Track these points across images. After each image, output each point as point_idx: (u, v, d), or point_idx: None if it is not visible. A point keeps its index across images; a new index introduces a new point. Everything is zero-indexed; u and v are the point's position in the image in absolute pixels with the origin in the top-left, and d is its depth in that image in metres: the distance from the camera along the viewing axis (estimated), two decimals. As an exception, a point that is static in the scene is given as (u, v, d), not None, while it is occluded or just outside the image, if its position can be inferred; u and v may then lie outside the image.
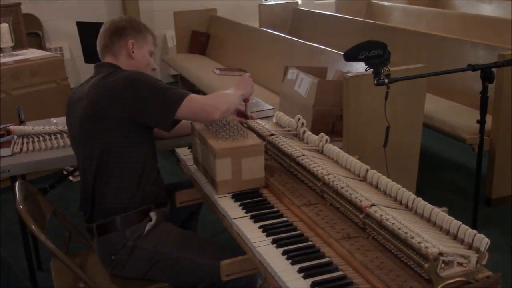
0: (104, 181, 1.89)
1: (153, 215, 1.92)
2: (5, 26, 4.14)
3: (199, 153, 2.02)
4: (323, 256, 1.46)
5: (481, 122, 2.54)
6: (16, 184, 1.95)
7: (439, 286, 1.24)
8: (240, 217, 1.71)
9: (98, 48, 2.05)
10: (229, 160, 1.80)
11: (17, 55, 4.10)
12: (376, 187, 1.63)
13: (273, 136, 2.05)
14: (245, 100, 2.19)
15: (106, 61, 2.03)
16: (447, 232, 1.35)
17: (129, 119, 1.83)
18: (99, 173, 1.89)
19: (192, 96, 1.88)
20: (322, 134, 1.95)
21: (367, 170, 1.68)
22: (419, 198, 1.48)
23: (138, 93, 1.81)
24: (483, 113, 2.52)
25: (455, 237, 1.33)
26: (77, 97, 1.98)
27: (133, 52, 2.01)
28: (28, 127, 2.53)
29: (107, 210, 1.90)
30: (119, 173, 1.88)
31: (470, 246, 1.29)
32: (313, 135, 2.01)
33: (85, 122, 1.89)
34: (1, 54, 4.06)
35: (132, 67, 2.00)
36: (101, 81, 1.88)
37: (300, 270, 1.40)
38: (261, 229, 1.62)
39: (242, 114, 2.26)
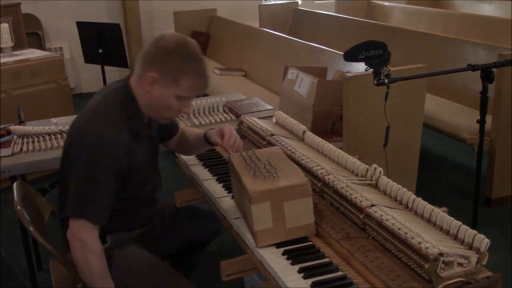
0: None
1: (109, 238, 1.80)
2: (5, 26, 4.14)
3: (236, 190, 1.75)
4: (323, 256, 1.46)
5: (481, 122, 2.55)
6: (14, 185, 1.93)
7: (439, 287, 1.24)
8: (240, 217, 1.71)
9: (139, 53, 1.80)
10: (268, 204, 1.50)
11: (17, 55, 4.10)
12: (376, 187, 1.63)
13: (273, 137, 2.05)
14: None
15: (129, 80, 1.77)
16: (447, 233, 1.35)
17: None
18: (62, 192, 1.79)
19: (82, 225, 1.66)
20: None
21: (367, 170, 1.68)
22: (419, 198, 1.48)
23: (69, 166, 1.69)
24: (483, 113, 2.53)
25: (455, 238, 1.33)
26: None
27: (152, 84, 1.69)
28: (28, 127, 2.53)
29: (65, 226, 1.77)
30: None
31: (470, 247, 1.29)
32: (313, 135, 2.00)
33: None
34: (1, 54, 4.06)
35: (146, 100, 1.73)
36: (77, 121, 1.76)
37: (300, 270, 1.40)
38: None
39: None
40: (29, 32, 5.76)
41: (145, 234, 1.91)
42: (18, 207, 1.79)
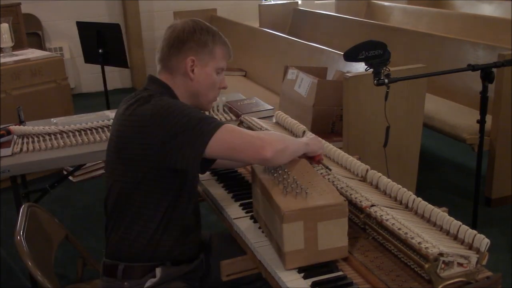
0: (117, 222, 1.66)
1: (158, 271, 1.64)
2: (5, 26, 4.14)
3: (260, 205, 1.61)
4: (323, 256, 1.46)
5: (481, 122, 2.54)
6: (22, 208, 1.80)
7: (439, 287, 1.24)
8: (240, 217, 1.71)
9: (156, 57, 1.72)
10: (301, 224, 1.38)
11: (17, 55, 4.10)
12: (376, 187, 1.63)
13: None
14: (314, 159, 1.67)
15: (160, 78, 1.70)
16: (447, 233, 1.35)
17: (152, 162, 1.54)
18: (114, 212, 1.66)
19: (229, 126, 1.52)
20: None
21: (367, 170, 1.68)
22: (419, 198, 1.47)
23: (163, 131, 1.50)
24: (483, 113, 2.52)
25: (455, 238, 1.33)
26: (120, 109, 1.68)
27: (192, 71, 1.66)
28: (28, 127, 2.53)
29: (114, 252, 1.68)
30: (133, 221, 1.63)
31: (470, 247, 1.29)
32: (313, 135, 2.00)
33: (110, 156, 1.67)
34: (1, 54, 4.06)
35: (190, 89, 1.68)
36: (132, 107, 1.60)
37: (300, 270, 1.40)
38: (261, 229, 1.62)
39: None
40: (29, 32, 5.76)
41: (191, 273, 1.74)
42: (18, 237, 1.67)
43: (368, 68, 2.18)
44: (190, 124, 1.49)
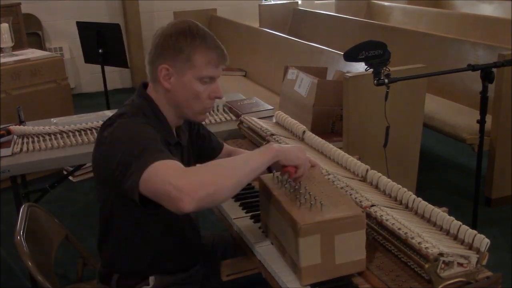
0: (105, 237, 1.64)
1: (151, 280, 1.63)
2: (5, 26, 4.14)
3: (270, 217, 1.52)
4: (323, 256, 1.46)
5: (481, 122, 2.54)
6: (22, 208, 1.80)
7: (439, 287, 1.24)
8: (240, 217, 1.71)
9: None
10: (318, 237, 1.31)
11: (17, 55, 4.10)
12: (376, 187, 1.63)
13: (273, 136, 2.05)
14: (283, 169, 1.45)
15: (148, 87, 1.60)
16: (447, 233, 1.35)
17: (114, 186, 1.44)
18: (101, 228, 1.64)
19: (156, 166, 1.30)
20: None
21: (367, 170, 1.68)
22: (419, 198, 1.48)
23: (113, 160, 1.40)
24: (483, 113, 2.52)
25: (455, 238, 1.33)
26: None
27: (169, 81, 1.52)
28: (28, 127, 2.53)
29: (107, 262, 1.68)
30: (118, 239, 1.61)
31: (470, 247, 1.29)
32: (313, 135, 2.00)
33: (94, 174, 1.61)
34: (1, 54, 4.06)
35: (169, 101, 1.56)
36: (102, 128, 1.53)
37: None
38: (261, 229, 1.62)
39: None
40: (29, 32, 5.77)
41: (190, 279, 1.71)
42: (18, 237, 1.67)
43: (368, 68, 2.18)
44: (129, 158, 1.36)
